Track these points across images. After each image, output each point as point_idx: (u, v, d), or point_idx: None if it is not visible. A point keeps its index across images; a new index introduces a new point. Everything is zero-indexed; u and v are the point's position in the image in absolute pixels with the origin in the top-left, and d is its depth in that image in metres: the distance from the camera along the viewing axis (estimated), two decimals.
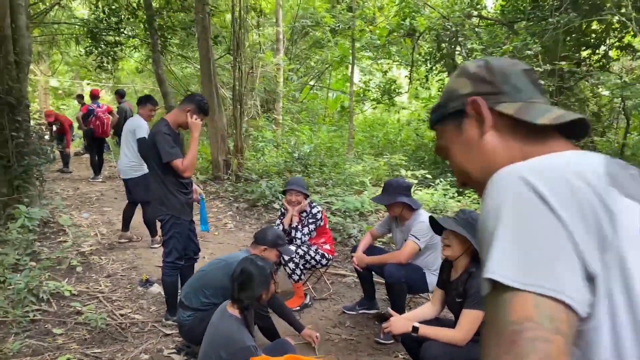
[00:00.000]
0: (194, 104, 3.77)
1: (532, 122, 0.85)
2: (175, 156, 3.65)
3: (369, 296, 4.29)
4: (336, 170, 10.07)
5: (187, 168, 3.70)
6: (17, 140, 5.98)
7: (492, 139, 0.91)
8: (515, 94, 0.92)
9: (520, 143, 0.88)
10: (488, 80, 0.94)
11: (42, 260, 5.09)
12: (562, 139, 0.89)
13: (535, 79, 0.94)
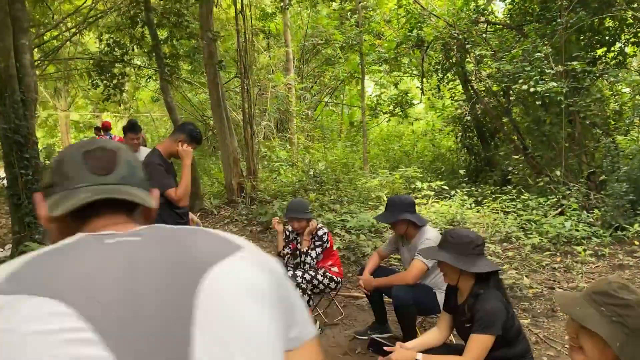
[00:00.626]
0: (185, 133, 3.70)
1: (51, 214, 0.88)
2: (168, 186, 3.56)
3: (381, 319, 4.11)
4: (351, 186, 9.92)
5: (181, 197, 3.61)
6: (26, 178, 6.01)
7: (53, 234, 0.93)
8: (64, 182, 0.91)
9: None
10: (52, 171, 0.95)
11: None
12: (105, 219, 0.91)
13: (97, 159, 0.94)
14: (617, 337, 1.43)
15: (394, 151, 14.22)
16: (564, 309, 1.60)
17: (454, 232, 2.59)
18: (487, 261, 2.51)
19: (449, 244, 2.56)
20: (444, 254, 2.56)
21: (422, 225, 3.63)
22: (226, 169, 9.56)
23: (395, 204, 3.66)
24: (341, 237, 6.91)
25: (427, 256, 2.60)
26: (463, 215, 7.79)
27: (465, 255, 2.49)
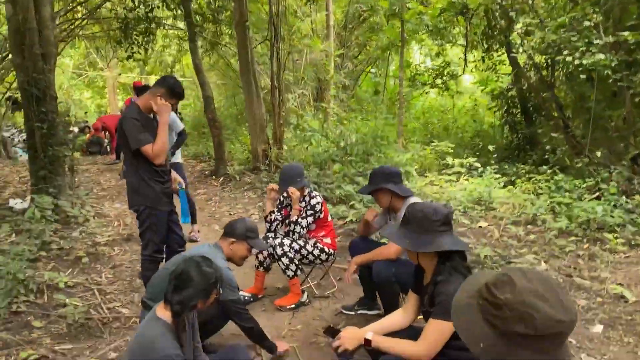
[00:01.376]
0: (164, 87, 3.50)
1: None
2: (143, 142, 3.40)
3: (370, 296, 3.86)
4: (380, 160, 9.56)
5: (158, 154, 3.44)
6: (42, 132, 6.04)
7: None
8: None
9: None
10: None
11: (52, 250, 5.08)
12: None
13: None
14: (485, 337, 1.25)
15: (433, 125, 13.66)
16: (461, 289, 1.41)
17: (412, 207, 2.29)
18: (452, 239, 2.20)
19: (408, 220, 2.27)
20: (396, 231, 2.28)
21: (406, 195, 3.34)
22: (252, 135, 9.41)
23: (377, 174, 3.42)
24: (357, 210, 6.65)
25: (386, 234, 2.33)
26: (491, 196, 7.34)
27: (425, 232, 2.20)
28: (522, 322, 1.18)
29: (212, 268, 2.36)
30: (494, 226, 6.21)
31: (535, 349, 1.20)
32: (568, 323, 1.18)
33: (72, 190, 6.70)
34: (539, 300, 1.19)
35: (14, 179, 8.48)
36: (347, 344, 2.25)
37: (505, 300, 1.21)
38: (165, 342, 2.17)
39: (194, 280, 2.28)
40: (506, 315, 1.20)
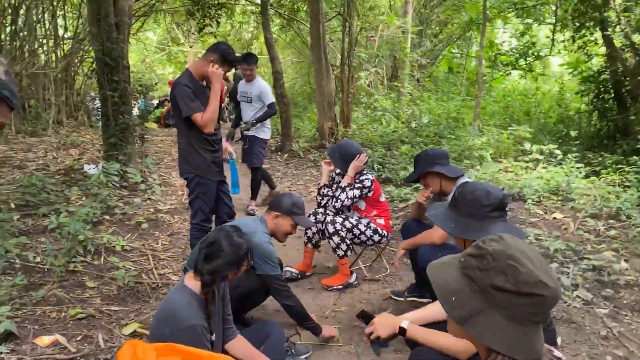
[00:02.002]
0: (217, 53, 3.41)
1: None
2: (194, 110, 3.34)
3: (421, 282, 3.62)
4: (452, 142, 9.14)
5: (207, 123, 3.37)
6: (113, 100, 6.23)
7: None
8: None
9: None
10: None
11: (115, 214, 5.25)
12: None
13: None
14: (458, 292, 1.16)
15: (513, 109, 12.87)
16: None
17: (463, 187, 2.04)
18: (504, 227, 1.94)
19: (457, 201, 2.03)
20: (442, 212, 2.04)
21: (457, 176, 3.06)
22: (320, 112, 9.27)
23: (421, 159, 3.21)
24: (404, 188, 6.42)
25: (429, 215, 2.10)
26: (570, 184, 6.76)
27: (474, 217, 1.95)
28: (502, 275, 1.10)
29: (243, 238, 2.25)
30: (571, 218, 5.71)
31: (508, 314, 1.11)
32: (552, 290, 1.09)
33: (141, 159, 6.90)
34: (525, 259, 1.11)
35: (92, 145, 8.90)
36: (380, 331, 2.07)
37: (492, 250, 1.14)
38: (190, 312, 2.09)
39: (224, 250, 2.19)
40: (488, 265, 1.12)
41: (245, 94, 5.92)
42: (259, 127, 5.90)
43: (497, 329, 1.11)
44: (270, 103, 5.83)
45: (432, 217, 2.06)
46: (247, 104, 5.92)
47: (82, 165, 6.99)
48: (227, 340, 2.38)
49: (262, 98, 5.80)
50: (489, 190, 1.98)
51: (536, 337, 1.13)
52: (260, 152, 5.99)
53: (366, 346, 3.03)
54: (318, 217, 4.00)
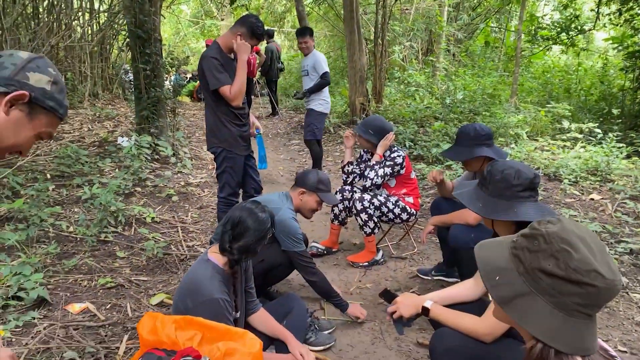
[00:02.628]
0: (245, 26, 3.36)
1: None
2: (222, 82, 3.31)
3: (449, 261, 3.56)
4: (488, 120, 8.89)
5: (235, 96, 3.34)
6: (145, 73, 6.27)
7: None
8: None
9: None
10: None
11: (146, 187, 5.33)
12: None
13: None
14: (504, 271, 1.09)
15: (553, 86, 12.43)
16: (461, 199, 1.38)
17: (492, 165, 1.96)
18: (535, 208, 1.86)
19: (486, 180, 1.95)
20: (470, 191, 1.97)
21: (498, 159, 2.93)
22: (352, 87, 9.15)
23: (469, 136, 2.98)
24: (453, 171, 6.24)
25: (455, 194, 2.03)
26: (610, 165, 6.52)
27: (503, 197, 1.87)
28: (553, 258, 1.02)
29: (265, 212, 2.23)
30: (609, 200, 5.51)
31: (555, 302, 1.02)
32: (607, 281, 0.98)
33: (173, 132, 6.96)
34: (582, 245, 1.01)
35: (126, 118, 9.03)
36: (402, 310, 2.03)
37: (545, 231, 1.05)
38: (212, 285, 2.09)
39: (250, 228, 2.17)
40: (539, 247, 1.04)
41: (303, 67, 5.89)
42: (315, 99, 5.84)
43: (541, 316, 1.03)
44: (323, 73, 5.71)
45: (459, 196, 1.99)
46: (306, 77, 5.88)
47: (116, 137, 7.11)
48: (249, 314, 2.39)
49: (317, 68, 5.71)
50: (519, 169, 1.90)
51: (588, 331, 1.03)
52: (313, 124, 5.90)
53: (390, 324, 3.01)
54: (345, 194, 3.96)
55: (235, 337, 1.66)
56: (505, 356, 1.85)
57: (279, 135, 9.15)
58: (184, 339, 1.62)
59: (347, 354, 2.71)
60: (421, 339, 2.82)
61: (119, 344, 2.67)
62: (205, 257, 2.21)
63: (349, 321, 3.04)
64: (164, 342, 1.62)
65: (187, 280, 2.19)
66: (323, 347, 2.70)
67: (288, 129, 9.64)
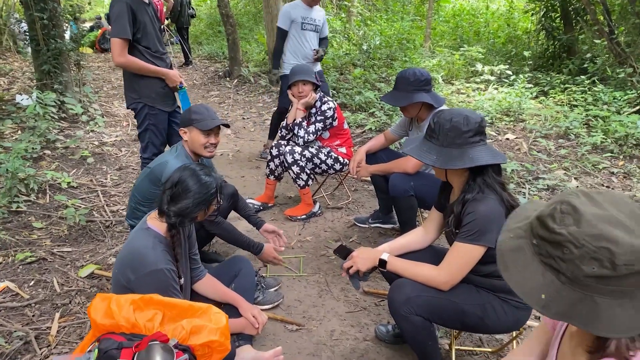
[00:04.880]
0: None
1: None
2: (117, 34, 3.02)
3: (384, 209, 3.61)
4: (405, 65, 8.98)
5: (118, 60, 3.08)
6: (42, 22, 5.63)
7: None
8: None
9: None
10: None
11: (57, 149, 4.89)
12: None
13: None
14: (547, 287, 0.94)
15: (463, 29, 12.75)
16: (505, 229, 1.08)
17: (438, 116, 1.93)
18: (486, 151, 1.87)
19: (434, 131, 1.92)
20: (419, 145, 1.94)
21: (439, 106, 2.94)
22: (269, 34, 8.79)
23: (408, 81, 2.92)
24: (377, 118, 6.26)
25: (407, 151, 1.99)
26: (521, 105, 6.86)
27: (455, 145, 1.86)
28: (594, 261, 0.88)
29: (211, 176, 2.08)
30: (522, 139, 5.82)
31: (616, 294, 0.90)
32: None
33: (79, 88, 6.40)
34: (616, 229, 0.88)
35: (23, 74, 8.18)
36: (359, 264, 2.01)
37: (569, 234, 0.90)
38: (155, 255, 1.95)
39: (191, 190, 2.02)
40: (572, 254, 0.90)
41: (313, 21, 4.68)
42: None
43: (609, 314, 0.91)
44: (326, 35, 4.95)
45: (411, 153, 1.95)
46: (311, 32, 4.70)
47: (13, 95, 6.43)
48: (195, 281, 2.27)
49: (325, 28, 4.87)
50: (467, 115, 1.88)
51: None
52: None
53: (334, 275, 3.02)
54: (280, 149, 3.84)
55: (199, 313, 1.55)
56: (463, 302, 1.89)
57: (195, 86, 8.72)
58: (144, 320, 1.49)
59: (296, 309, 2.69)
60: (366, 288, 2.86)
61: (50, 324, 2.47)
62: (145, 226, 2.05)
63: (293, 276, 3.01)
64: (122, 325, 1.48)
65: (126, 252, 2.03)
66: (272, 305, 2.66)
67: (205, 80, 9.20)
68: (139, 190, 2.71)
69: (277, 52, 4.78)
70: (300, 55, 4.67)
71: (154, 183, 2.59)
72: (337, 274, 3.03)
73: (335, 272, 3.04)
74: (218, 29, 13.90)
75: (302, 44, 4.67)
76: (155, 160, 2.74)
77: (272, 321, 2.53)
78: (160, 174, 2.55)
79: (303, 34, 4.64)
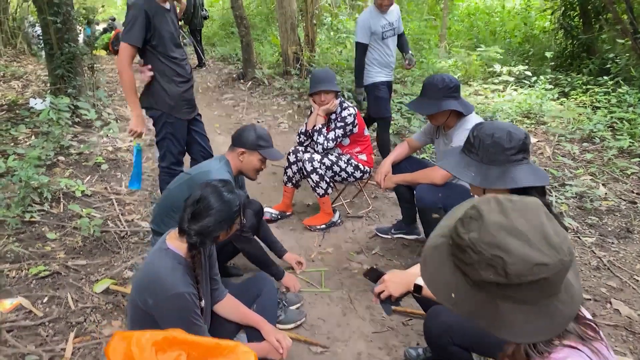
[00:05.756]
0: None
1: None
2: (127, 39, 2.95)
3: (409, 218, 3.48)
4: (420, 65, 8.82)
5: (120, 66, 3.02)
6: (56, 26, 5.56)
7: None
8: None
9: None
10: None
11: (70, 155, 4.82)
12: None
13: None
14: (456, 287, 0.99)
15: (479, 29, 12.55)
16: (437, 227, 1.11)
17: (478, 129, 1.79)
18: (530, 171, 1.73)
19: (474, 145, 1.79)
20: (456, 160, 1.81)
21: (468, 113, 2.80)
22: (283, 36, 8.70)
23: (437, 88, 2.78)
24: (394, 121, 6.12)
25: (444, 166, 1.86)
26: (542, 107, 6.68)
27: (496, 162, 1.73)
28: (490, 268, 0.91)
29: (234, 194, 1.97)
30: (545, 143, 5.65)
31: (516, 300, 0.93)
32: (553, 266, 0.89)
33: (93, 91, 6.34)
34: (512, 238, 0.91)
35: (37, 77, 8.15)
36: (392, 289, 1.87)
37: (470, 240, 0.94)
38: (175, 278, 1.84)
39: (214, 208, 1.91)
40: (472, 259, 0.93)
41: (391, 25, 4.36)
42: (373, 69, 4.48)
43: (511, 318, 0.95)
44: (402, 32, 4.62)
45: (448, 168, 1.81)
46: (392, 38, 4.41)
47: (27, 99, 6.38)
48: (215, 302, 2.16)
49: (400, 24, 4.55)
50: (510, 131, 1.75)
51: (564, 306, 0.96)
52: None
53: (358, 291, 2.89)
54: (298, 155, 3.73)
55: (226, 351, 1.44)
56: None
57: (209, 89, 8.63)
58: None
59: (320, 329, 2.57)
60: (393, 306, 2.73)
61: (64, 344, 2.37)
62: (164, 246, 1.94)
63: (315, 292, 2.89)
64: None
65: (144, 274, 1.92)
66: (294, 325, 2.55)
67: (219, 82, 9.11)
68: (173, 196, 2.61)
69: (359, 69, 4.39)
70: (384, 66, 4.41)
71: (193, 190, 2.50)
72: (361, 290, 2.90)
73: (359, 288, 2.92)
74: (231, 30, 13.81)
75: (385, 54, 4.37)
76: (196, 167, 2.70)
77: (296, 342, 2.41)
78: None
79: (385, 43, 4.33)
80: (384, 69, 4.41)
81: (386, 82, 4.48)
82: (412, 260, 3.25)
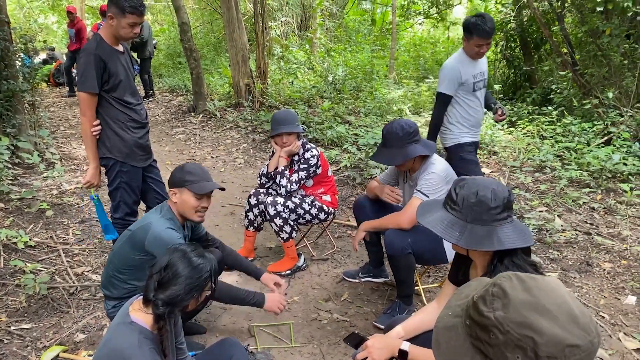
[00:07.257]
0: (112, 2, 2.78)
1: None
2: (85, 88, 2.79)
3: (376, 261, 3.40)
4: (371, 96, 8.92)
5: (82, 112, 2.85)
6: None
7: None
8: None
9: None
10: None
11: (11, 201, 4.48)
12: None
13: None
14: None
15: (425, 59, 12.91)
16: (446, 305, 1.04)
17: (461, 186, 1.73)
18: (515, 231, 1.68)
19: (456, 203, 1.73)
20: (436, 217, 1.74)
21: (432, 153, 2.79)
22: (234, 68, 8.61)
23: (398, 136, 2.76)
24: (350, 154, 6.10)
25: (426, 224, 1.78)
26: (492, 137, 6.86)
27: (480, 222, 1.67)
28: (518, 349, 0.85)
29: (204, 258, 1.84)
30: (498, 173, 5.78)
31: None
32: (585, 347, 0.84)
33: (35, 130, 5.98)
34: (542, 318, 0.85)
35: None
36: (375, 355, 1.78)
37: (496, 319, 0.87)
38: (143, 356, 1.67)
39: (182, 275, 1.77)
40: (498, 340, 0.87)
41: (482, 75, 3.58)
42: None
43: None
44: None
45: (430, 226, 1.75)
46: (482, 90, 3.64)
47: None
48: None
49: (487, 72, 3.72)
50: (494, 189, 1.69)
51: None
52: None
53: (330, 344, 2.77)
54: (260, 198, 3.60)
55: None
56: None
57: (158, 122, 8.36)
58: None
59: None
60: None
61: None
62: (128, 319, 1.76)
63: (285, 348, 2.74)
64: None
65: (106, 352, 1.73)
66: None
67: (168, 115, 8.86)
68: (118, 255, 2.43)
69: (438, 124, 3.58)
70: (474, 123, 3.62)
71: (136, 247, 2.34)
72: (333, 343, 2.78)
73: (330, 341, 2.80)
74: (179, 60, 13.59)
75: (475, 110, 3.58)
76: (137, 222, 2.50)
77: None
78: (143, 237, 2.31)
79: (475, 96, 3.55)
80: (472, 128, 3.64)
81: (473, 143, 3.69)
82: (382, 305, 3.16)
